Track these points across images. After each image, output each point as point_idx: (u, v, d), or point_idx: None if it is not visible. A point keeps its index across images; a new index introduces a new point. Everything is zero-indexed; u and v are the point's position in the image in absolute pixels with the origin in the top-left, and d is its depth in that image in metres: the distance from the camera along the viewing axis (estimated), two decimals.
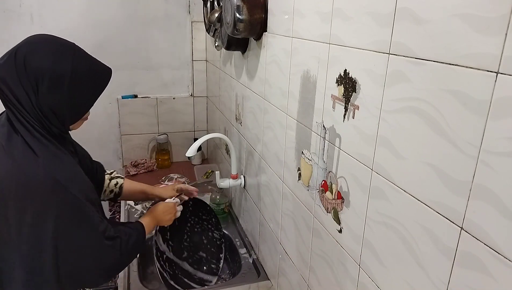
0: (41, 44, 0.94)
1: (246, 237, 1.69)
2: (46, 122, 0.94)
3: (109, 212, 2.17)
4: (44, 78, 0.90)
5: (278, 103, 1.20)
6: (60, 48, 0.95)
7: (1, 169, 0.90)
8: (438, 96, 0.57)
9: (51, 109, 0.93)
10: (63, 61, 0.93)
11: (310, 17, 0.96)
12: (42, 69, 0.90)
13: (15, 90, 0.90)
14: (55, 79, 0.91)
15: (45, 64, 0.91)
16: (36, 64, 0.90)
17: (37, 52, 0.92)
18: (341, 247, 0.90)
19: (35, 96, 0.91)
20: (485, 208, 0.51)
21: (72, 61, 0.94)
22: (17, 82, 0.90)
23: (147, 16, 2.20)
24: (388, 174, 0.70)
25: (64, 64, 0.93)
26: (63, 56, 0.94)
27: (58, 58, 0.93)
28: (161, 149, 2.38)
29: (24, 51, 0.91)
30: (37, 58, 0.91)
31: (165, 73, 2.33)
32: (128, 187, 1.38)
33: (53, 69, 0.91)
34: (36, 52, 0.92)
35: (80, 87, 0.96)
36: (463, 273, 0.55)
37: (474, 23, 0.51)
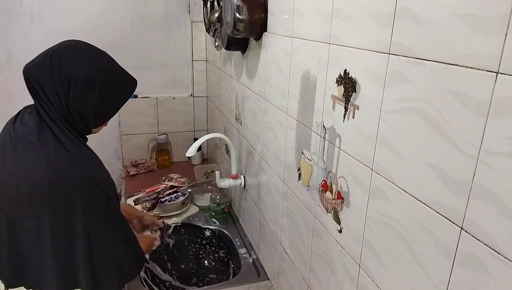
0: (76, 50, 0.99)
1: (246, 237, 1.69)
2: (71, 123, 0.99)
3: None
4: (77, 83, 0.95)
5: (278, 103, 1.20)
6: (94, 55, 1.01)
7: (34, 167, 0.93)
8: (438, 96, 0.57)
9: (78, 112, 0.98)
10: (96, 68, 0.98)
11: (310, 17, 0.96)
12: (76, 73, 0.95)
13: (47, 90, 0.95)
14: (87, 84, 0.96)
15: (79, 69, 0.95)
16: (71, 68, 0.95)
17: (72, 56, 0.97)
18: (341, 247, 0.90)
19: (65, 98, 0.95)
20: (485, 208, 0.51)
21: (105, 68, 1.00)
22: (50, 83, 0.94)
23: (147, 16, 2.20)
24: (388, 174, 0.70)
25: (97, 71, 0.98)
26: (97, 63, 0.99)
27: (92, 65, 0.98)
28: (161, 149, 2.38)
29: (60, 54, 0.96)
30: (72, 62, 0.95)
31: (165, 73, 2.33)
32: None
33: (86, 75, 0.96)
34: (72, 57, 0.96)
35: (108, 94, 1.01)
36: (463, 273, 0.55)
37: (474, 23, 0.51)
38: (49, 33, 2.06)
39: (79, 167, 0.94)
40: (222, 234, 1.73)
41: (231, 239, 1.69)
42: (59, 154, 0.94)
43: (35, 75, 0.95)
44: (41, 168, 0.92)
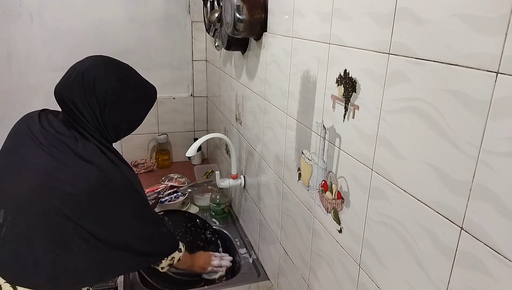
0: (105, 67, 1.05)
1: (246, 237, 1.69)
2: (105, 134, 1.06)
3: None
4: (112, 99, 1.02)
5: (278, 103, 1.20)
6: (122, 70, 1.08)
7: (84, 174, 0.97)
8: (438, 96, 0.57)
9: (112, 125, 1.06)
10: (126, 82, 1.06)
11: (310, 17, 0.96)
12: (110, 91, 1.02)
13: (83, 110, 1.01)
14: (120, 99, 1.04)
15: (112, 87, 1.02)
16: (105, 87, 1.01)
17: (103, 75, 1.03)
18: (341, 247, 0.90)
19: (100, 115, 1.03)
20: (485, 208, 0.51)
21: (134, 83, 1.08)
22: (85, 102, 1.01)
23: (147, 16, 2.20)
24: (388, 174, 0.70)
25: (126, 84, 1.05)
26: (125, 77, 1.06)
27: (121, 80, 1.05)
28: (161, 149, 2.38)
29: (92, 74, 1.01)
30: (105, 81, 1.02)
31: (165, 73, 2.33)
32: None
33: (118, 91, 1.03)
34: (104, 75, 1.02)
35: (137, 105, 1.10)
36: (463, 273, 0.55)
37: (474, 23, 0.51)
38: (49, 33, 2.06)
39: (123, 176, 1.02)
40: (222, 234, 1.73)
41: (231, 239, 1.69)
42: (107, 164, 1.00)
43: (70, 97, 1.01)
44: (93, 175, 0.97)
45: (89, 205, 0.97)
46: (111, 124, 1.05)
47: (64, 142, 1.00)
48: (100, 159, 1.00)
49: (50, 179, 0.96)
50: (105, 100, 1.02)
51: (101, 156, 1.00)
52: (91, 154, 0.99)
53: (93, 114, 1.02)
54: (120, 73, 1.06)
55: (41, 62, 2.11)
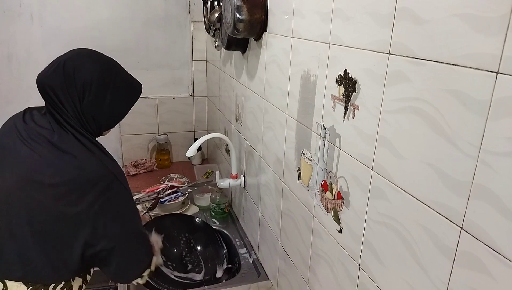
0: (88, 57, 1.05)
1: (246, 237, 1.69)
2: (85, 126, 1.05)
3: None
4: (91, 89, 1.01)
5: (278, 103, 1.20)
6: (104, 62, 1.07)
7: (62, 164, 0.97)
8: (438, 96, 0.57)
9: (92, 116, 1.04)
10: (107, 74, 1.05)
11: (310, 17, 0.96)
12: (90, 81, 1.01)
13: (62, 98, 1.00)
14: (99, 90, 1.03)
15: (92, 77, 1.01)
16: (85, 76, 1.01)
17: (85, 65, 1.02)
18: (341, 247, 0.90)
19: (80, 104, 1.01)
20: (485, 208, 0.51)
21: (115, 74, 1.07)
22: (65, 91, 1.00)
23: (147, 16, 2.20)
24: (388, 174, 0.70)
25: (108, 76, 1.05)
26: (107, 69, 1.06)
27: (103, 71, 1.04)
28: (161, 149, 2.38)
29: (73, 63, 1.01)
30: (85, 71, 1.01)
31: (165, 73, 2.33)
32: None
33: (98, 81, 1.02)
34: (84, 65, 1.02)
35: (119, 98, 1.09)
36: (463, 273, 0.55)
37: (474, 23, 0.51)
38: (49, 33, 2.06)
39: (102, 166, 1.00)
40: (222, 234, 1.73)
41: (231, 239, 1.69)
42: (83, 154, 0.99)
43: (50, 84, 1.00)
44: (69, 165, 0.97)
45: (68, 195, 0.96)
46: (90, 115, 1.04)
47: (41, 134, 1.00)
48: (76, 148, 0.99)
49: (29, 172, 0.97)
50: (84, 90, 1.01)
51: (78, 146, 0.99)
52: (67, 144, 0.99)
53: (72, 104, 1.01)
54: (102, 65, 1.06)
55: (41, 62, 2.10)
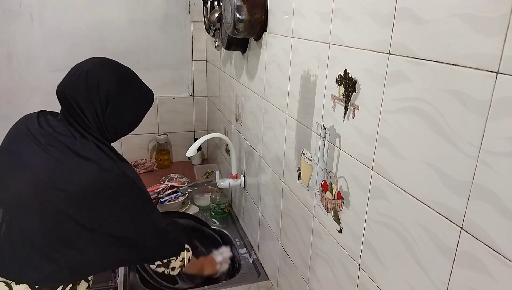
0: (110, 69, 1.08)
1: (246, 237, 1.69)
2: (105, 133, 1.07)
3: None
4: (114, 100, 1.05)
5: (278, 103, 1.20)
6: (125, 73, 1.11)
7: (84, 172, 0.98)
8: (438, 96, 0.57)
9: (112, 125, 1.08)
10: (128, 85, 1.09)
11: (310, 17, 0.96)
12: (113, 92, 1.04)
13: (85, 108, 1.03)
14: (121, 100, 1.06)
15: (115, 88, 1.05)
16: (108, 87, 1.04)
17: (108, 77, 1.05)
18: (341, 247, 0.90)
19: (102, 114, 1.04)
20: (485, 208, 0.51)
21: (134, 84, 1.11)
22: (88, 101, 1.03)
23: (147, 16, 2.20)
24: (388, 174, 0.70)
25: (128, 88, 1.09)
26: (128, 80, 1.10)
27: (123, 82, 1.08)
28: (161, 149, 2.38)
29: (96, 75, 1.04)
30: (109, 83, 1.04)
31: (165, 73, 2.33)
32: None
33: (120, 92, 1.06)
34: (108, 77, 1.05)
35: (137, 107, 1.13)
36: (463, 273, 0.55)
37: (474, 23, 0.51)
38: (49, 33, 2.06)
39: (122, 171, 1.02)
40: (222, 234, 1.73)
41: (231, 239, 1.69)
42: (104, 160, 1.01)
43: (73, 95, 1.03)
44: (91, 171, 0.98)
45: (89, 202, 0.98)
46: (111, 124, 1.07)
47: (61, 141, 1.01)
48: (98, 155, 1.01)
49: (48, 178, 0.97)
50: (108, 100, 1.04)
51: (99, 153, 1.01)
52: (89, 151, 1.00)
53: (94, 113, 1.03)
54: (122, 74, 1.09)
55: (41, 62, 2.11)
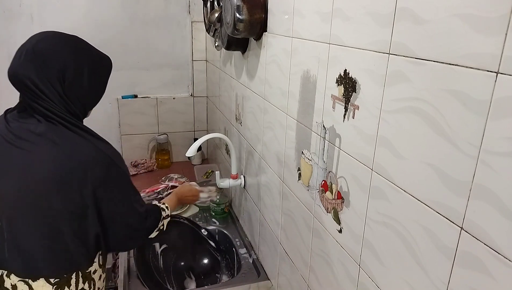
0: (56, 39, 1.02)
1: (246, 237, 1.69)
2: (72, 109, 1.02)
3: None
4: (69, 70, 0.99)
5: (278, 103, 1.20)
6: (73, 40, 1.05)
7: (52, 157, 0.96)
8: (438, 96, 0.57)
9: (77, 97, 1.03)
10: (80, 51, 1.04)
11: (310, 17, 0.96)
12: (65, 62, 0.99)
13: (41, 85, 0.97)
14: (78, 69, 1.01)
15: (67, 57, 0.99)
16: (59, 58, 0.98)
17: (55, 47, 1.00)
18: (341, 247, 0.90)
19: (61, 87, 0.99)
20: (485, 208, 0.51)
21: (87, 50, 1.06)
22: (43, 78, 0.97)
23: (147, 16, 2.20)
24: (388, 174, 0.70)
25: (82, 54, 1.04)
26: (79, 47, 1.04)
27: (76, 49, 1.03)
28: (161, 149, 2.38)
29: (42, 47, 0.98)
30: (58, 53, 0.99)
31: (165, 73, 2.33)
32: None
33: (74, 60, 1.01)
34: (55, 47, 1.00)
35: (97, 74, 1.07)
36: (463, 273, 0.55)
37: (474, 23, 0.51)
38: None
39: (97, 150, 1.00)
40: (222, 234, 1.73)
41: (231, 239, 1.69)
42: (76, 140, 0.99)
43: (26, 74, 0.97)
44: (64, 155, 0.96)
45: (68, 187, 0.97)
46: (75, 96, 1.02)
47: (28, 129, 0.98)
48: (67, 137, 0.98)
49: (26, 172, 0.97)
50: (63, 72, 0.99)
51: (68, 134, 0.99)
52: (57, 134, 0.98)
53: (54, 90, 0.98)
54: (71, 42, 1.04)
55: None
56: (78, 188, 0.97)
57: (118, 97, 2.27)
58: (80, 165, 0.97)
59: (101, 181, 1.00)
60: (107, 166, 1.01)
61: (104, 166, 1.00)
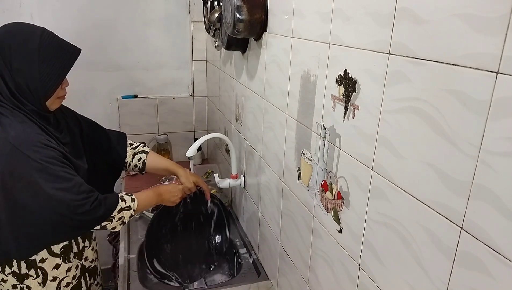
0: (11, 28, 1.05)
1: (246, 237, 1.69)
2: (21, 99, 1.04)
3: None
4: (16, 56, 1.01)
5: (278, 103, 1.20)
6: (29, 28, 1.07)
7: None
8: (438, 96, 0.57)
9: (26, 84, 1.03)
10: (32, 37, 1.04)
11: (310, 17, 0.96)
12: (14, 48, 1.01)
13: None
14: (25, 56, 1.02)
15: (16, 44, 1.02)
16: (8, 44, 1.01)
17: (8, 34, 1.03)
18: (341, 247, 0.90)
19: (9, 72, 1.02)
20: (485, 208, 0.51)
21: (40, 37, 1.05)
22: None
23: (147, 16, 2.20)
24: (388, 174, 0.70)
25: (32, 40, 1.04)
26: (31, 33, 1.05)
27: (27, 35, 1.04)
28: (161, 149, 2.38)
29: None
30: (8, 39, 1.02)
31: (165, 73, 2.33)
32: (152, 163, 1.48)
33: (23, 47, 1.02)
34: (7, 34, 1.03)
35: (49, 63, 1.05)
36: (463, 273, 0.55)
37: (474, 23, 0.51)
38: None
39: (2, 136, 1.00)
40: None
41: (231, 239, 1.69)
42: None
43: None
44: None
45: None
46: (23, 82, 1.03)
47: None
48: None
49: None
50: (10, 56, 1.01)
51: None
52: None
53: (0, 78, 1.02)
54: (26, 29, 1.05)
55: None
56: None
57: (118, 97, 2.27)
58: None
59: (5, 170, 1.01)
60: (9, 154, 1.00)
61: (4, 154, 1.00)
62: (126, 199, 1.20)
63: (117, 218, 1.17)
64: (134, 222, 1.77)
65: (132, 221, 1.77)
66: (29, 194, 1.03)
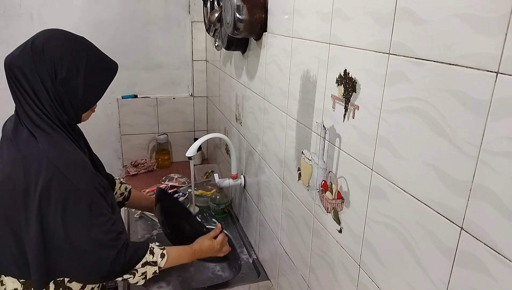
0: (57, 34, 1.02)
1: (246, 237, 1.69)
2: (60, 110, 1.00)
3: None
4: (63, 66, 0.97)
5: (278, 103, 1.20)
6: (75, 39, 1.04)
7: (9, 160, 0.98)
8: (438, 96, 0.57)
9: (67, 96, 1.00)
10: (79, 50, 1.02)
11: (310, 17, 0.96)
12: (60, 56, 0.97)
13: (32, 79, 0.96)
14: (72, 67, 0.99)
15: (63, 52, 0.98)
16: (54, 51, 0.97)
17: (55, 41, 0.99)
18: (341, 247, 0.90)
19: (52, 84, 0.97)
20: (485, 208, 0.51)
21: (87, 50, 1.03)
22: (34, 70, 0.96)
23: (147, 16, 2.20)
24: (388, 174, 0.70)
25: (80, 52, 1.01)
26: (79, 45, 1.03)
27: (75, 47, 1.01)
28: (161, 149, 2.38)
29: (41, 40, 0.98)
30: (54, 46, 0.98)
31: (165, 73, 2.33)
32: (135, 193, 1.52)
33: (69, 57, 0.99)
34: (54, 41, 0.99)
35: (94, 76, 1.03)
36: (463, 273, 0.55)
37: (474, 23, 0.51)
38: None
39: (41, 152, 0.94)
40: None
41: (231, 239, 1.69)
42: (29, 146, 0.96)
43: (18, 64, 0.96)
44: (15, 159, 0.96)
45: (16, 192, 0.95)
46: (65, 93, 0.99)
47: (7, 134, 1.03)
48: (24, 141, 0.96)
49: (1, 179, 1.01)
50: (56, 66, 0.96)
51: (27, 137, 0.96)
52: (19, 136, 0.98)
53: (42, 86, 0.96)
54: (71, 40, 1.02)
55: None
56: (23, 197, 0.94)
57: (118, 97, 2.27)
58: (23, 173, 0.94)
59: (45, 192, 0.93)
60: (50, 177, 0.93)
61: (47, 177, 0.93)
62: (154, 252, 1.11)
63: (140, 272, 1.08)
64: (134, 222, 1.77)
65: (132, 221, 1.77)
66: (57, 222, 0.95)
